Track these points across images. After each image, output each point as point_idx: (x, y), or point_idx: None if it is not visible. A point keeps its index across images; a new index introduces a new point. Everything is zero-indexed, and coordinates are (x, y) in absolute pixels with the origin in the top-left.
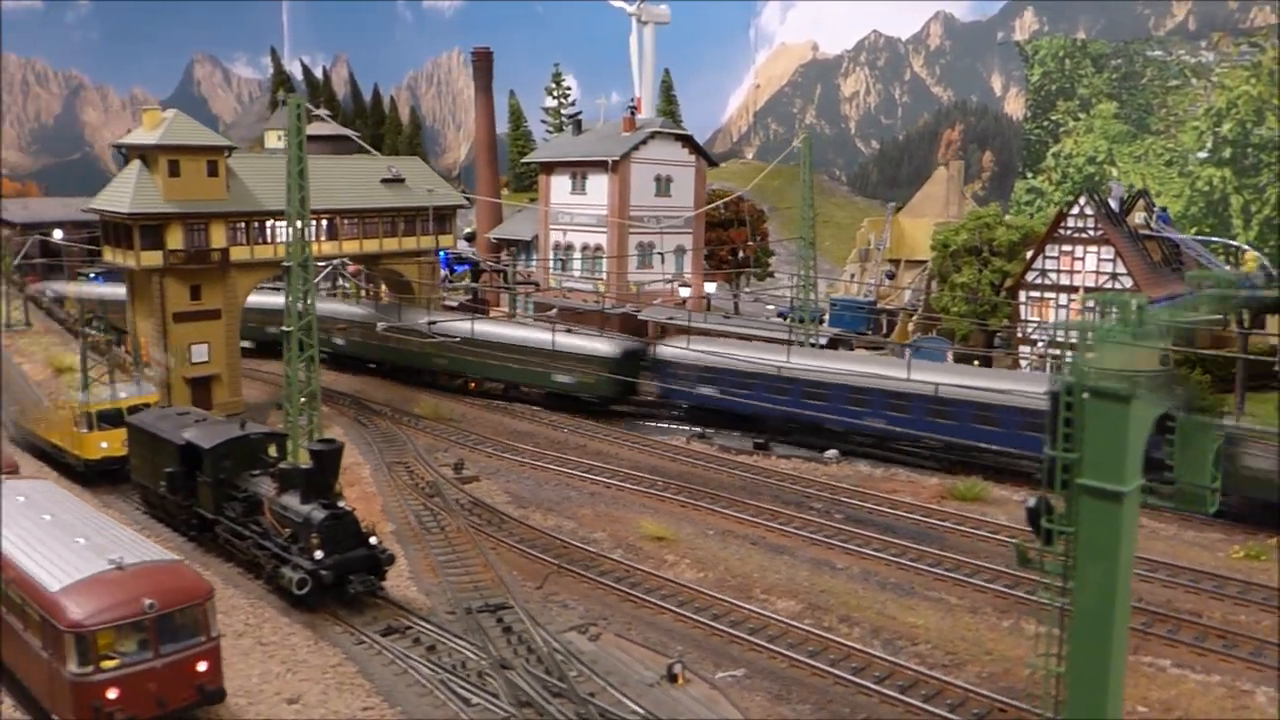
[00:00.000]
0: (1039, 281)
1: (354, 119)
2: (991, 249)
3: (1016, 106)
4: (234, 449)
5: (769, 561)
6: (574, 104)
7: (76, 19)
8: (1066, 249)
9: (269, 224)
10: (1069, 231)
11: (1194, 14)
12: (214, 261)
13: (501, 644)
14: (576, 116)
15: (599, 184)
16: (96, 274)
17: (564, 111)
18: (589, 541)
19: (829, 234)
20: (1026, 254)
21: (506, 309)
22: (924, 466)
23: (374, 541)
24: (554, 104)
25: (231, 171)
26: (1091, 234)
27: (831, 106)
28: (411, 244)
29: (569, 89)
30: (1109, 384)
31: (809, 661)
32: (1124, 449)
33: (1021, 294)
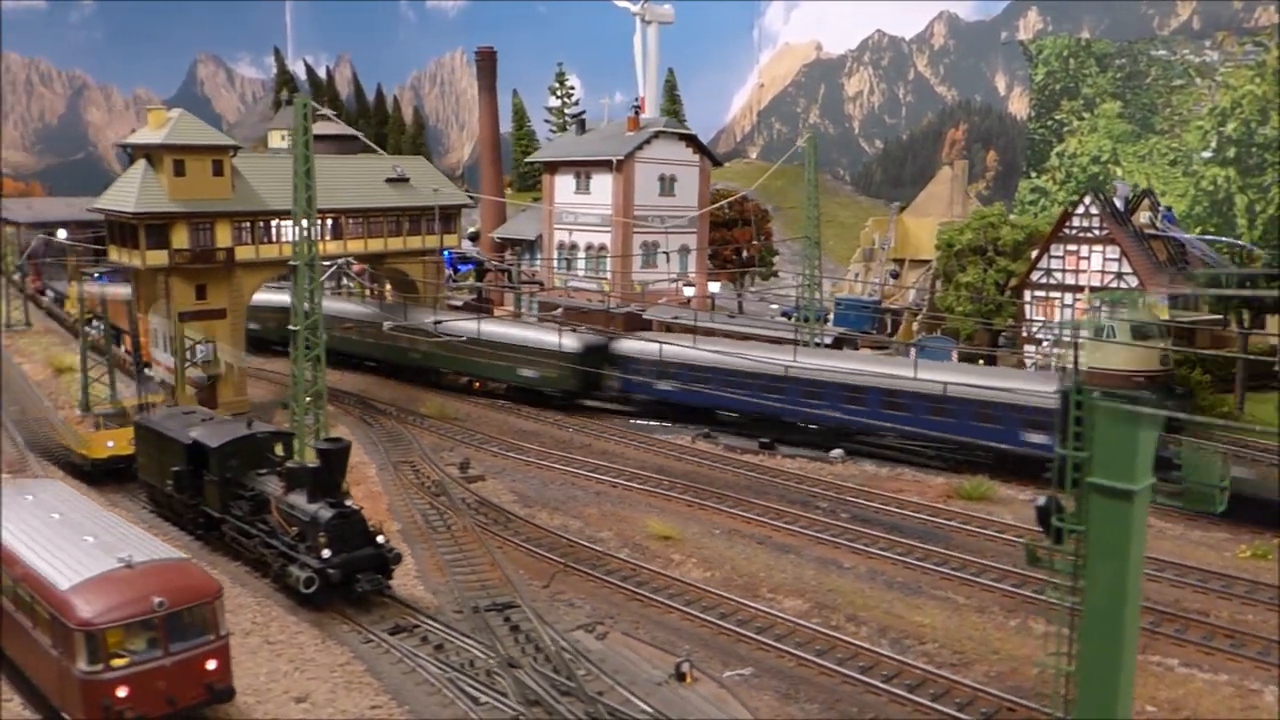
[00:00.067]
0: (1044, 281)
1: (357, 119)
2: (996, 248)
3: (1020, 106)
4: (241, 448)
5: (775, 560)
6: (578, 103)
7: (80, 19)
8: (1071, 248)
9: (274, 223)
10: (1074, 231)
11: (1198, 13)
12: (219, 261)
13: (509, 643)
14: (580, 116)
15: (603, 183)
16: (100, 274)
17: (568, 111)
18: (595, 540)
19: (833, 233)
20: (1031, 253)
21: (511, 308)
22: (930, 466)
23: (381, 540)
24: (558, 104)
25: (236, 171)
26: (1097, 233)
27: (835, 106)
28: (416, 243)
29: (572, 89)
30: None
31: (817, 660)
32: (1134, 448)
33: (1026, 293)
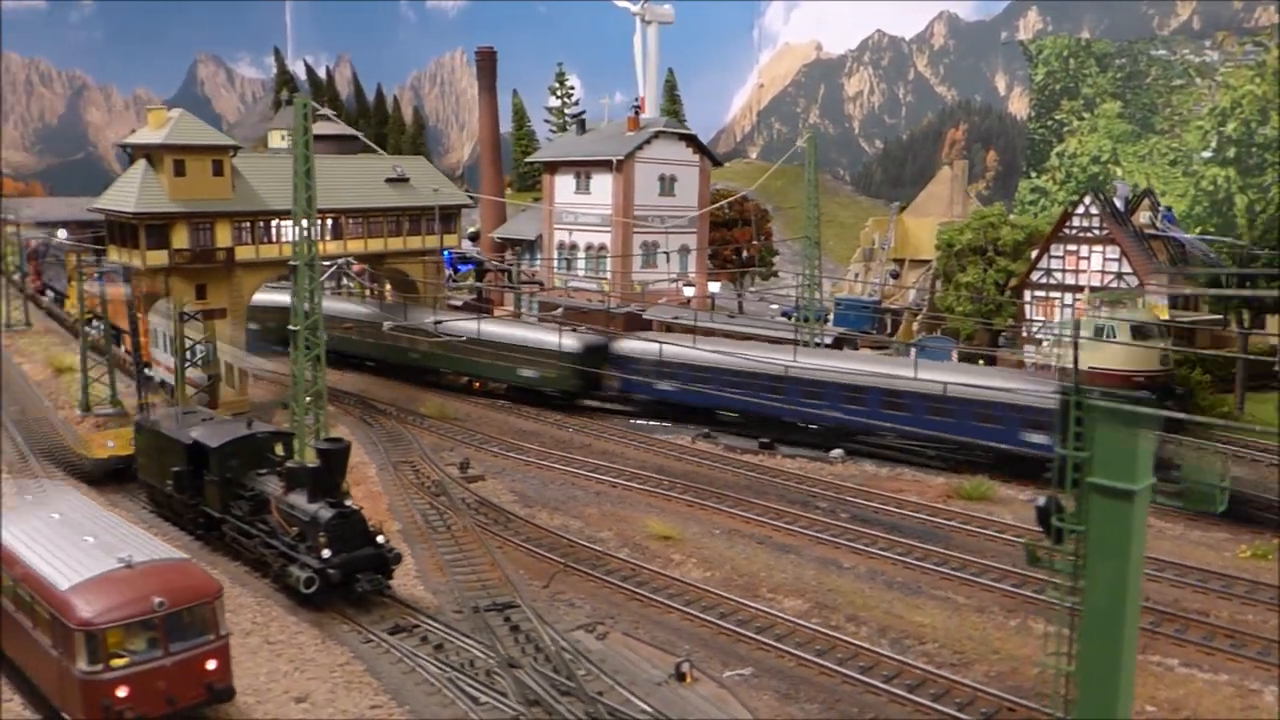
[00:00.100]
0: (1044, 281)
1: (357, 119)
2: (996, 248)
3: (1020, 106)
4: (241, 448)
5: (775, 560)
6: (578, 103)
7: (80, 19)
8: (1071, 248)
9: (274, 223)
10: (1074, 231)
11: (1198, 13)
12: (219, 261)
13: (509, 642)
14: (580, 116)
15: (603, 183)
16: (101, 274)
17: (568, 111)
18: (595, 540)
19: (833, 233)
20: (1031, 253)
21: (511, 308)
22: (930, 466)
23: (381, 540)
24: (558, 104)
25: (236, 171)
26: (1096, 233)
27: (835, 106)
28: (416, 243)
29: (572, 89)
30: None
31: (817, 660)
32: (1135, 448)
33: (1026, 293)
